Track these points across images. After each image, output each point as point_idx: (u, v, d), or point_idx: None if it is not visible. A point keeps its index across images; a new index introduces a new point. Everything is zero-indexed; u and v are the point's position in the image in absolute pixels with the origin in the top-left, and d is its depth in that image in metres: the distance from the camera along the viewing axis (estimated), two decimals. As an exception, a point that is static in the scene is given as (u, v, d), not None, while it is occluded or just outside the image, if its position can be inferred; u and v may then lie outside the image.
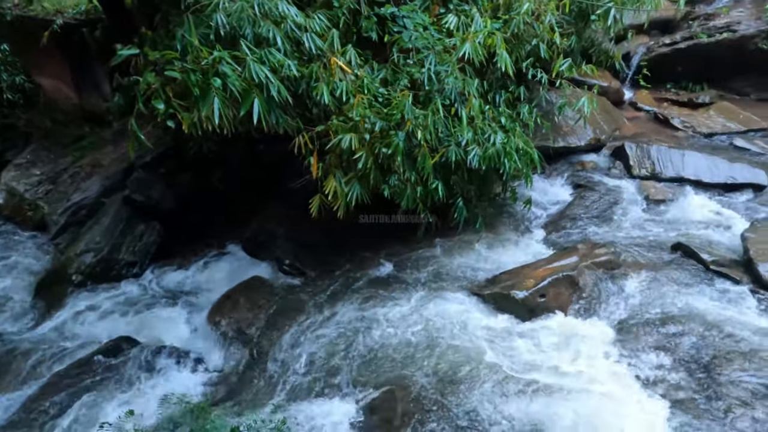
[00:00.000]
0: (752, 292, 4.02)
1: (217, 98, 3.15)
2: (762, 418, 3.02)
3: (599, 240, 4.91)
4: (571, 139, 6.48)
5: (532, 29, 4.68)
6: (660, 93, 8.10)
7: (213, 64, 3.15)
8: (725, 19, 8.04)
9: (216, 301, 4.86)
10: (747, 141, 6.60)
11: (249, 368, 4.13)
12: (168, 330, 4.74)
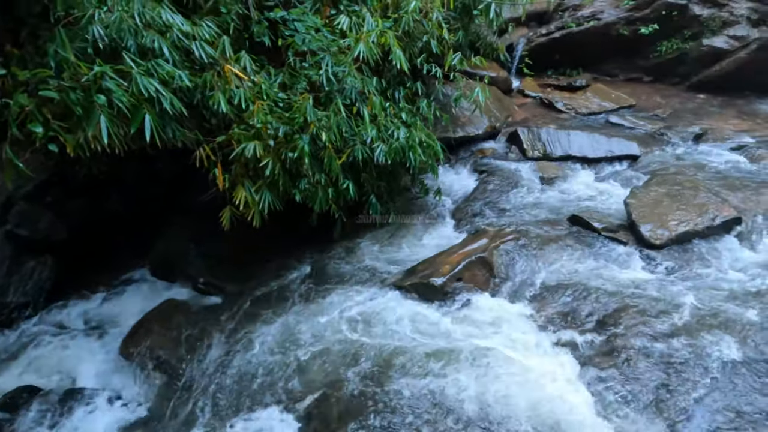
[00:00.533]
0: (638, 252, 4.50)
1: (103, 116, 2.95)
2: (656, 360, 3.39)
3: (505, 220, 5.22)
4: (469, 129, 6.82)
5: (421, 26, 4.86)
6: (543, 79, 8.77)
7: (95, 80, 2.94)
8: (590, 9, 8.86)
9: (128, 331, 4.55)
10: (620, 117, 7.35)
11: (172, 396, 3.92)
12: (76, 370, 4.36)
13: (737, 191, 5.27)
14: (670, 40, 8.34)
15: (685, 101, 7.91)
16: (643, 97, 8.07)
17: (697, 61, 8.20)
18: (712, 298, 3.87)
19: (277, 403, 3.56)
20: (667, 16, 8.13)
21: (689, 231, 4.57)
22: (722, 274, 4.18)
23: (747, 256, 4.36)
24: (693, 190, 5.10)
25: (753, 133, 6.64)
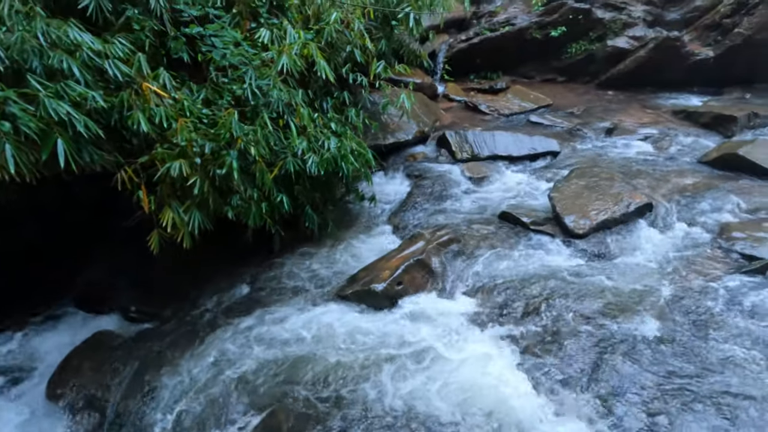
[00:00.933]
0: (564, 242, 4.77)
1: (8, 144, 2.75)
2: (587, 342, 3.60)
3: (440, 222, 5.35)
4: (399, 135, 6.95)
5: (344, 36, 4.92)
6: (466, 84, 9.10)
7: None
8: (505, 15, 9.32)
9: (53, 371, 4.24)
10: (539, 116, 7.76)
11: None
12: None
13: (647, 179, 5.71)
14: (578, 42, 8.92)
15: (596, 98, 8.48)
16: (558, 96, 8.56)
17: (604, 61, 8.83)
18: (632, 280, 4.18)
19: (222, 426, 3.45)
20: (574, 19, 8.70)
21: (608, 219, 4.90)
22: (639, 257, 4.51)
23: (658, 238, 4.73)
24: (609, 181, 5.47)
25: (656, 125, 7.23)
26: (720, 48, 8.22)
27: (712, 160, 6.00)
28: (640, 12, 8.77)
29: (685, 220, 4.99)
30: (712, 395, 3.13)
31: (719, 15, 8.28)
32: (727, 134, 6.83)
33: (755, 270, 4.13)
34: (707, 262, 4.32)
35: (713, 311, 3.76)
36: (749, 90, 8.20)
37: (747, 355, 3.39)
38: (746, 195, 5.31)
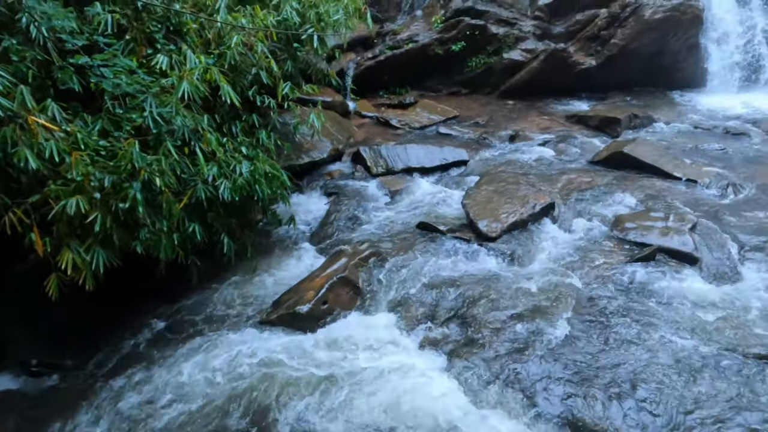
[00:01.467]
0: (479, 246, 4.98)
1: None
2: (508, 341, 3.78)
3: (361, 237, 5.40)
4: (314, 154, 6.95)
5: (248, 59, 4.86)
6: (376, 100, 9.31)
7: None
8: (407, 32, 9.67)
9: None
10: (448, 128, 8.10)
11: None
12: None
13: (548, 180, 6.14)
14: (477, 56, 9.45)
15: (498, 108, 9.00)
16: (464, 108, 8.99)
17: (502, 72, 9.41)
18: (542, 276, 4.45)
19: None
20: (471, 35, 9.22)
21: (517, 220, 5.20)
22: (547, 253, 4.83)
23: (562, 234, 5.09)
24: (515, 185, 5.82)
25: (553, 130, 7.81)
26: (601, 57, 9.06)
27: (603, 159, 6.58)
28: (530, 26, 9.47)
29: (584, 216, 5.41)
30: (621, 377, 3.41)
31: (597, 28, 9.14)
32: (613, 135, 7.52)
33: (646, 256, 4.56)
34: (605, 253, 4.72)
35: (613, 298, 4.11)
36: (629, 94, 9.09)
37: (644, 335, 3.73)
38: (634, 188, 5.87)
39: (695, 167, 6.24)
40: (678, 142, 7.12)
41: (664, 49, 8.92)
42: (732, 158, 6.57)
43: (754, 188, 5.76)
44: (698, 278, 4.35)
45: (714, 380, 3.36)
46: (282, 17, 5.16)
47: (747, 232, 4.95)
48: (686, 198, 5.62)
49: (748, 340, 3.66)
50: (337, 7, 5.73)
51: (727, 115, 8.03)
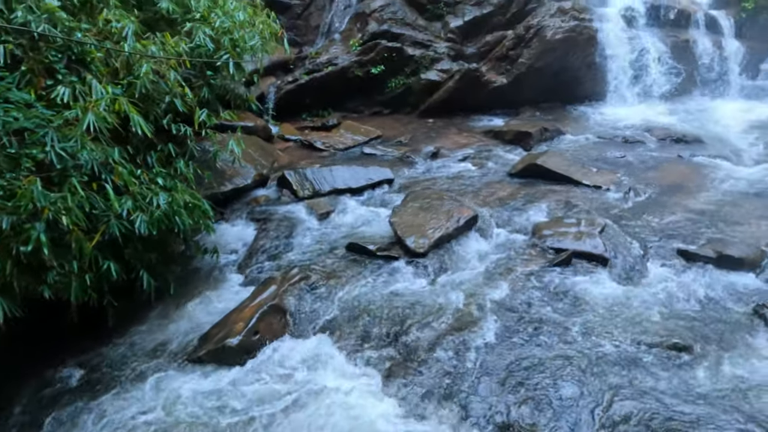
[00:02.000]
0: (408, 263, 5.07)
1: None
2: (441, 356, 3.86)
3: (291, 262, 5.33)
4: (238, 180, 6.80)
5: (161, 87, 4.70)
6: (299, 123, 9.29)
7: None
8: (327, 56, 9.78)
9: None
10: (372, 148, 8.23)
11: None
12: None
13: (470, 194, 6.39)
14: (396, 77, 9.72)
15: (419, 126, 9.28)
16: (387, 127, 9.18)
17: (421, 92, 9.73)
18: (470, 287, 4.60)
19: None
20: (389, 57, 9.49)
21: (443, 235, 5.35)
22: (473, 265, 5.00)
23: (486, 245, 5.31)
24: (439, 200, 6.00)
25: (472, 145, 8.16)
26: (511, 76, 9.63)
27: (519, 171, 6.95)
28: (444, 48, 9.89)
29: (505, 226, 5.68)
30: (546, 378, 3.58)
31: (505, 48, 9.72)
32: (526, 148, 7.98)
33: (563, 260, 4.85)
34: (526, 260, 4.96)
35: (535, 303, 4.33)
36: (538, 109, 9.70)
37: (565, 336, 3.95)
38: (549, 197, 6.24)
39: (601, 174, 6.75)
40: (584, 151, 7.67)
41: (567, 67, 9.63)
42: (631, 164, 7.17)
43: (651, 191, 6.31)
44: (609, 278, 4.69)
45: (626, 372, 3.61)
46: (195, 44, 5.05)
47: (648, 232, 5.40)
48: (595, 203, 6.05)
49: (656, 333, 3.98)
50: (252, 33, 5.69)
51: (625, 125, 8.78)
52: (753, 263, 4.76)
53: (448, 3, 10.16)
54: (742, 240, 5.10)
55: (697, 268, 4.82)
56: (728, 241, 5.08)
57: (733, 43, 9.94)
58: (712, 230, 5.35)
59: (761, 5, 9.75)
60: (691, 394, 3.44)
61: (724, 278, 4.69)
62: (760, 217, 5.60)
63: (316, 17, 11.05)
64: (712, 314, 4.23)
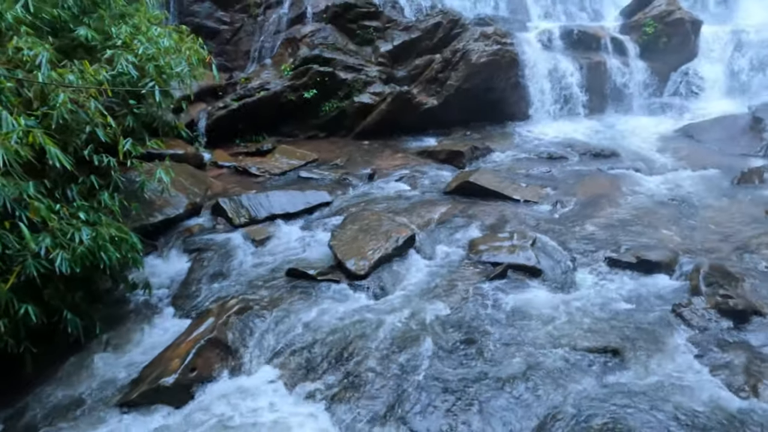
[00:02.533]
0: (349, 286, 5.06)
1: None
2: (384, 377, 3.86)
3: (228, 292, 5.16)
4: (169, 211, 6.53)
5: (81, 117, 4.48)
6: (233, 149, 9.10)
7: None
8: (258, 81, 9.71)
9: None
10: (308, 171, 8.19)
11: None
12: None
13: (408, 213, 6.49)
14: (330, 101, 9.79)
15: (355, 148, 9.35)
16: (323, 151, 9.18)
17: (355, 115, 9.85)
18: (412, 306, 4.65)
19: None
20: (322, 81, 9.56)
21: (383, 255, 5.39)
22: (413, 284, 5.06)
23: (425, 264, 5.40)
24: (377, 221, 6.05)
25: (407, 166, 8.33)
26: (441, 97, 9.96)
27: (453, 189, 7.16)
28: (376, 72, 10.10)
29: (443, 243, 5.81)
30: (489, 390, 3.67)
31: (434, 71, 10.06)
32: (459, 166, 8.25)
33: (498, 274, 5.02)
34: (464, 275, 5.09)
35: (475, 317, 4.44)
36: (469, 128, 10.07)
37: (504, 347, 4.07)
38: (483, 213, 6.46)
39: (530, 189, 7.08)
40: (513, 168, 8.04)
41: (493, 88, 10.10)
42: (557, 178, 7.58)
43: (576, 202, 6.69)
44: (543, 288, 4.90)
45: (564, 378, 3.77)
46: (117, 72, 4.86)
47: (575, 242, 5.71)
48: (526, 217, 6.33)
49: (588, 338, 4.19)
50: (179, 59, 5.56)
51: (549, 141, 9.30)
52: (669, 266, 5.14)
53: (378, 28, 10.42)
54: (658, 245, 5.51)
55: (621, 274, 5.14)
56: (646, 246, 5.47)
57: (638, 63, 10.84)
58: (632, 237, 5.73)
59: (660, 31, 10.73)
60: (622, 394, 3.63)
61: (645, 281, 5.02)
62: (672, 222, 6.08)
63: (246, 42, 10.96)
64: (637, 316, 4.51)
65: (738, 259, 5.23)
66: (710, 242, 5.61)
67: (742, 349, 4.04)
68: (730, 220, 6.11)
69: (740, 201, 6.63)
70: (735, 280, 4.73)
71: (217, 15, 10.88)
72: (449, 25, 10.30)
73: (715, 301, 4.49)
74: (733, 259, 5.21)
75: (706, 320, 4.34)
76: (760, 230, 5.75)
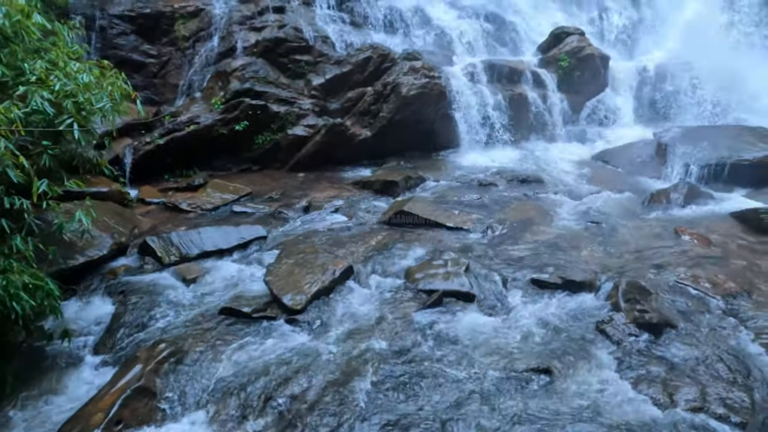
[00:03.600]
0: (286, 321, 4.98)
1: None
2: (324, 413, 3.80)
3: (157, 336, 4.91)
4: (91, 252, 6.18)
5: (-11, 157, 4.19)
6: (162, 185, 8.80)
7: None
8: (188, 114, 9.51)
9: None
10: (242, 205, 8.05)
11: None
12: None
13: (344, 244, 6.51)
14: (263, 134, 9.74)
15: (290, 181, 9.31)
16: (257, 184, 9.07)
17: (289, 147, 9.84)
18: (349, 340, 4.63)
19: None
20: (254, 114, 9.51)
21: (320, 289, 5.36)
22: (352, 316, 5.05)
23: (363, 295, 5.41)
24: (314, 254, 6.03)
25: (342, 197, 8.38)
26: (374, 129, 10.17)
27: (389, 218, 7.27)
28: (309, 104, 10.19)
29: (380, 273, 5.85)
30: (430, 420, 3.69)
31: (367, 103, 10.29)
32: (394, 195, 8.41)
33: (434, 301, 5.12)
34: (402, 305, 5.15)
35: (413, 346, 4.49)
36: (402, 158, 10.32)
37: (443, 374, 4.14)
38: (418, 241, 6.59)
39: (462, 216, 7.32)
40: (446, 195, 8.29)
41: (424, 119, 10.45)
42: (487, 205, 7.90)
43: (505, 227, 6.99)
44: (477, 313, 5.04)
45: (501, 399, 3.87)
46: (31, 109, 4.61)
47: (506, 265, 5.94)
48: (459, 243, 6.52)
49: (521, 359, 4.34)
50: (100, 95, 5.36)
51: (479, 169, 9.69)
52: (591, 285, 5.46)
53: (309, 62, 10.57)
54: (581, 265, 5.84)
55: (549, 294, 5.39)
56: (571, 267, 5.78)
57: (556, 95, 11.63)
58: (557, 258, 6.04)
59: (573, 65, 11.61)
60: (554, 412, 3.78)
61: (571, 301, 5.29)
62: (593, 242, 6.48)
63: (175, 76, 10.75)
64: (566, 335, 4.73)
65: (652, 275, 5.63)
66: (627, 260, 6.02)
67: (659, 361, 4.34)
68: (643, 238, 6.60)
69: (651, 221, 7.19)
70: (650, 295, 5.09)
71: (143, 48, 10.64)
72: (379, 59, 10.61)
73: (634, 316, 4.80)
74: (648, 275, 5.61)
75: (627, 335, 4.63)
76: (669, 247, 6.26)
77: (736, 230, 6.76)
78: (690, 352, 4.39)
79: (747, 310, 4.97)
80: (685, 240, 6.45)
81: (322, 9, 11.62)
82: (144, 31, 10.64)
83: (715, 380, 4.09)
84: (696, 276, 5.52)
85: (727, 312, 4.97)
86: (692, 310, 4.99)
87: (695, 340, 4.56)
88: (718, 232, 6.65)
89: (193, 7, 11.01)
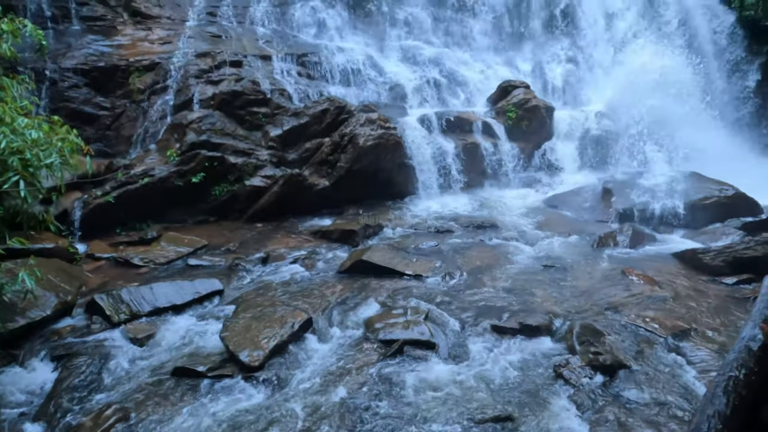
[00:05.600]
0: (244, 379, 4.82)
1: None
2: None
3: (104, 401, 4.65)
4: (33, 313, 5.85)
5: (-76, 217, 4.00)
6: (113, 239, 8.51)
7: None
8: (142, 166, 9.36)
9: None
10: (198, 258, 7.87)
11: None
12: None
13: (303, 296, 6.44)
14: (220, 185, 9.66)
15: (247, 232, 9.20)
16: (214, 235, 8.91)
17: (247, 198, 9.78)
18: (309, 395, 4.52)
19: None
20: (210, 166, 9.46)
21: (279, 343, 5.24)
22: (312, 370, 4.94)
23: (323, 348, 5.33)
24: (272, 307, 5.93)
25: (301, 247, 8.34)
26: (332, 178, 10.29)
27: (348, 268, 7.27)
28: (266, 155, 10.24)
29: (340, 324, 5.80)
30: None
31: (324, 154, 10.45)
32: (353, 244, 8.43)
33: (395, 351, 5.09)
34: (362, 356, 5.09)
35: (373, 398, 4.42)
36: (361, 207, 10.42)
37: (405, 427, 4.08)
38: (377, 290, 6.60)
39: (420, 263, 7.40)
40: (404, 243, 8.39)
41: (381, 168, 10.66)
42: (444, 251, 8.03)
43: (463, 273, 7.10)
44: (437, 361, 5.03)
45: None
46: (-27, 166, 4.47)
47: (465, 312, 6.01)
48: (418, 291, 6.56)
49: (481, 408, 4.34)
50: (49, 151, 5.25)
51: (436, 216, 9.89)
52: (548, 329, 5.58)
53: (267, 114, 10.71)
54: (537, 309, 5.97)
55: (508, 340, 5.46)
56: (527, 311, 5.90)
57: (506, 143, 12.15)
58: (514, 303, 6.17)
59: (521, 116, 12.24)
60: (517, 461, 3.77)
61: (529, 345, 5.37)
62: (547, 286, 6.67)
63: (129, 128, 10.63)
64: (526, 380, 4.78)
65: (604, 316, 5.82)
66: (580, 302, 6.21)
67: (615, 403, 4.43)
68: (594, 280, 6.85)
69: (600, 263, 7.48)
70: (602, 337, 5.24)
71: (96, 100, 10.52)
72: (336, 111, 10.87)
73: (588, 359, 4.92)
74: (600, 317, 5.79)
75: (583, 377, 4.72)
76: (618, 289, 6.51)
77: (678, 269, 7.12)
78: (642, 394, 4.50)
79: (692, 348, 5.18)
80: (632, 280, 6.74)
81: (279, 63, 11.91)
82: (98, 83, 10.56)
83: (669, 420, 4.20)
84: (644, 316, 5.74)
85: (673, 349, 5.17)
86: (642, 349, 5.16)
87: (647, 379, 4.70)
88: (663, 272, 6.98)
89: (149, 61, 11.06)
